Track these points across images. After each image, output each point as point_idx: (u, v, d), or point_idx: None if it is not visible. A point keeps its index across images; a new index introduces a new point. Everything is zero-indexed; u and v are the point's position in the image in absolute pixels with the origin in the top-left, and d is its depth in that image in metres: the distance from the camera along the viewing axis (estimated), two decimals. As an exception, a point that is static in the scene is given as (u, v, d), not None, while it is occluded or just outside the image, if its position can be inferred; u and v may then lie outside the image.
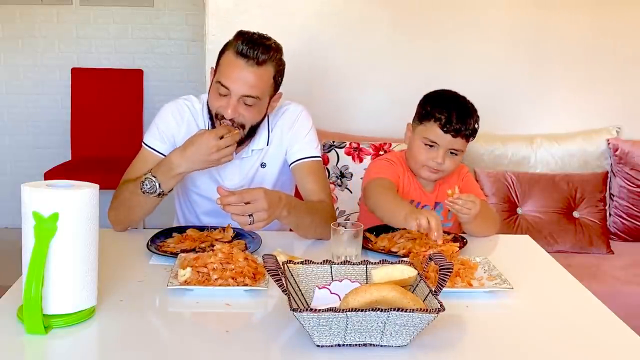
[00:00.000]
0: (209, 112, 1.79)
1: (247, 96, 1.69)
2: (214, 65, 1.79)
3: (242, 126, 1.74)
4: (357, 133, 2.94)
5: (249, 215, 1.52)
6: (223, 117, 1.72)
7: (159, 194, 1.67)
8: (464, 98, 1.90)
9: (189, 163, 1.65)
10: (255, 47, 1.67)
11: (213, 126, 1.78)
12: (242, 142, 1.78)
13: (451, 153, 1.86)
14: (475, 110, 1.88)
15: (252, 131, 1.79)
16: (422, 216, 1.60)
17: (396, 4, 3.00)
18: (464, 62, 3.02)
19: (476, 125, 1.87)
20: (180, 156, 1.65)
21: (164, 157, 1.81)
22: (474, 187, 2.00)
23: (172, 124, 1.83)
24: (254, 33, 1.72)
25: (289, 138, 1.87)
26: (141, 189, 1.66)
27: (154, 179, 1.65)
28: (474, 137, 1.89)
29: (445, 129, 1.82)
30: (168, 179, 1.66)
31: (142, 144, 1.84)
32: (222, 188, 1.56)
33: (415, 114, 1.93)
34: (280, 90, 1.80)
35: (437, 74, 2.93)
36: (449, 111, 1.82)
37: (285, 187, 1.94)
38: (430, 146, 1.86)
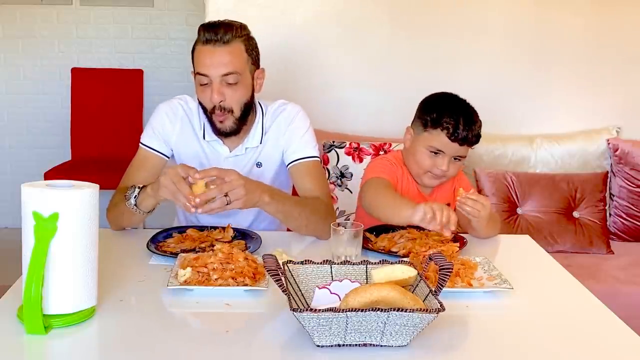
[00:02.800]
0: (204, 113, 1.81)
1: (226, 74, 1.72)
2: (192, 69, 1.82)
3: (231, 110, 1.76)
4: (357, 133, 2.94)
5: (225, 196, 1.53)
6: (214, 111, 1.74)
7: (135, 206, 1.66)
8: (466, 103, 1.87)
9: (155, 188, 1.60)
10: (216, 29, 1.72)
11: (211, 124, 1.79)
12: (237, 130, 1.80)
13: (455, 159, 1.86)
14: (477, 115, 1.86)
15: (245, 114, 1.79)
16: (427, 208, 1.57)
17: (396, 4, 3.00)
18: (465, 62, 3.02)
19: (480, 131, 1.85)
20: (156, 181, 1.64)
21: (160, 154, 1.85)
22: (467, 185, 1.99)
23: (166, 123, 1.86)
24: (214, 21, 1.77)
25: (286, 139, 1.87)
26: (125, 193, 1.69)
27: (137, 189, 1.66)
28: (478, 142, 1.86)
29: (452, 137, 1.80)
30: (145, 196, 1.64)
31: (139, 144, 1.87)
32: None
33: (417, 119, 1.90)
34: (262, 67, 1.82)
35: (437, 74, 2.94)
36: (456, 119, 1.79)
37: (282, 187, 1.94)
38: (435, 153, 1.84)
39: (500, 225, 1.91)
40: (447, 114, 1.81)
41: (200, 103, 1.81)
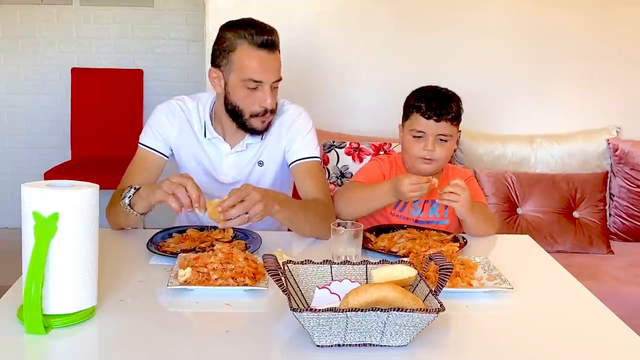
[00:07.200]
0: (232, 112, 1.79)
1: (277, 81, 1.77)
2: (211, 66, 1.80)
3: (273, 111, 1.80)
4: (357, 133, 2.95)
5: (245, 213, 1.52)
6: (264, 113, 1.77)
7: (129, 206, 1.65)
8: (443, 88, 1.96)
9: (150, 191, 1.61)
10: (267, 34, 1.74)
11: (242, 125, 1.81)
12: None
13: (440, 140, 1.90)
14: (456, 96, 1.94)
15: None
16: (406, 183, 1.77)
17: (396, 3, 3.00)
18: (465, 62, 3.03)
19: (459, 109, 1.93)
20: (151, 184, 1.66)
21: (159, 154, 1.86)
22: (476, 191, 2.00)
23: (165, 124, 1.87)
24: (250, 20, 1.78)
25: (288, 138, 1.88)
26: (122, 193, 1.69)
27: (133, 190, 1.66)
28: (459, 120, 1.94)
29: (427, 115, 1.89)
30: (138, 198, 1.64)
31: (138, 144, 1.88)
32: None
33: (402, 114, 1.99)
34: None
35: (437, 74, 2.92)
36: (427, 99, 1.91)
37: (284, 187, 1.95)
38: (419, 137, 1.91)
39: (496, 225, 1.93)
40: (420, 97, 1.93)
41: (231, 104, 1.78)
